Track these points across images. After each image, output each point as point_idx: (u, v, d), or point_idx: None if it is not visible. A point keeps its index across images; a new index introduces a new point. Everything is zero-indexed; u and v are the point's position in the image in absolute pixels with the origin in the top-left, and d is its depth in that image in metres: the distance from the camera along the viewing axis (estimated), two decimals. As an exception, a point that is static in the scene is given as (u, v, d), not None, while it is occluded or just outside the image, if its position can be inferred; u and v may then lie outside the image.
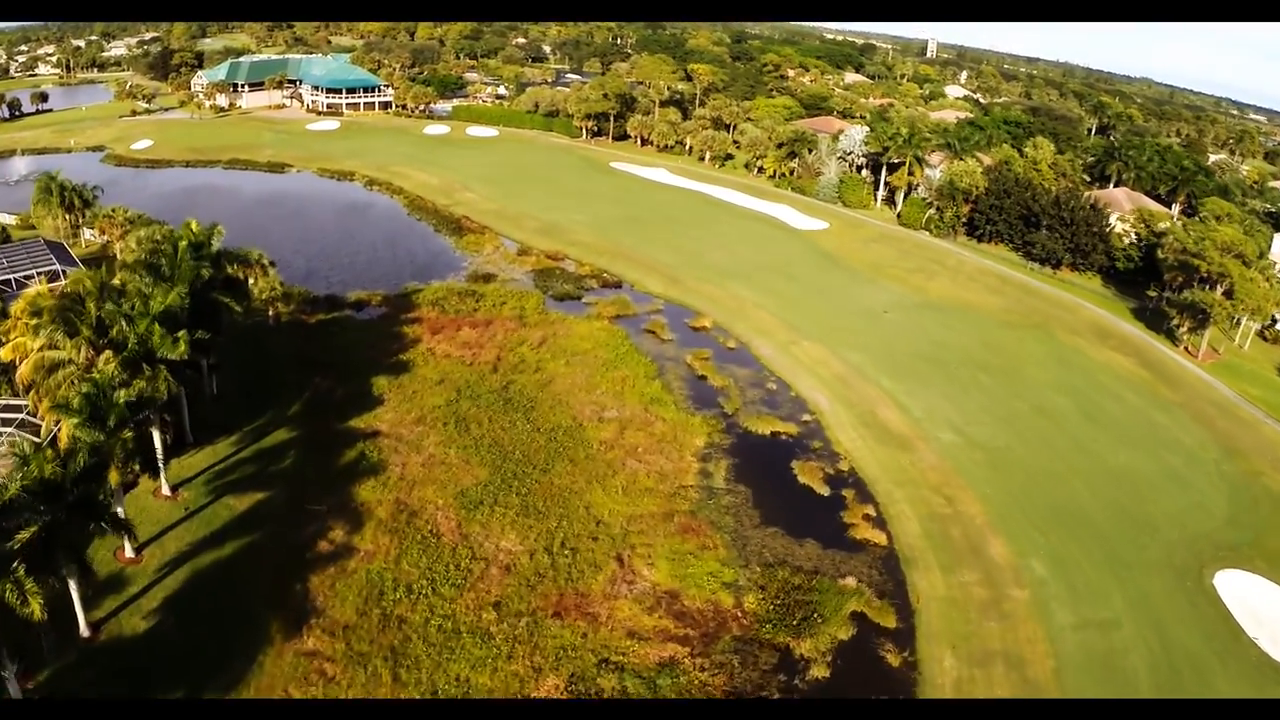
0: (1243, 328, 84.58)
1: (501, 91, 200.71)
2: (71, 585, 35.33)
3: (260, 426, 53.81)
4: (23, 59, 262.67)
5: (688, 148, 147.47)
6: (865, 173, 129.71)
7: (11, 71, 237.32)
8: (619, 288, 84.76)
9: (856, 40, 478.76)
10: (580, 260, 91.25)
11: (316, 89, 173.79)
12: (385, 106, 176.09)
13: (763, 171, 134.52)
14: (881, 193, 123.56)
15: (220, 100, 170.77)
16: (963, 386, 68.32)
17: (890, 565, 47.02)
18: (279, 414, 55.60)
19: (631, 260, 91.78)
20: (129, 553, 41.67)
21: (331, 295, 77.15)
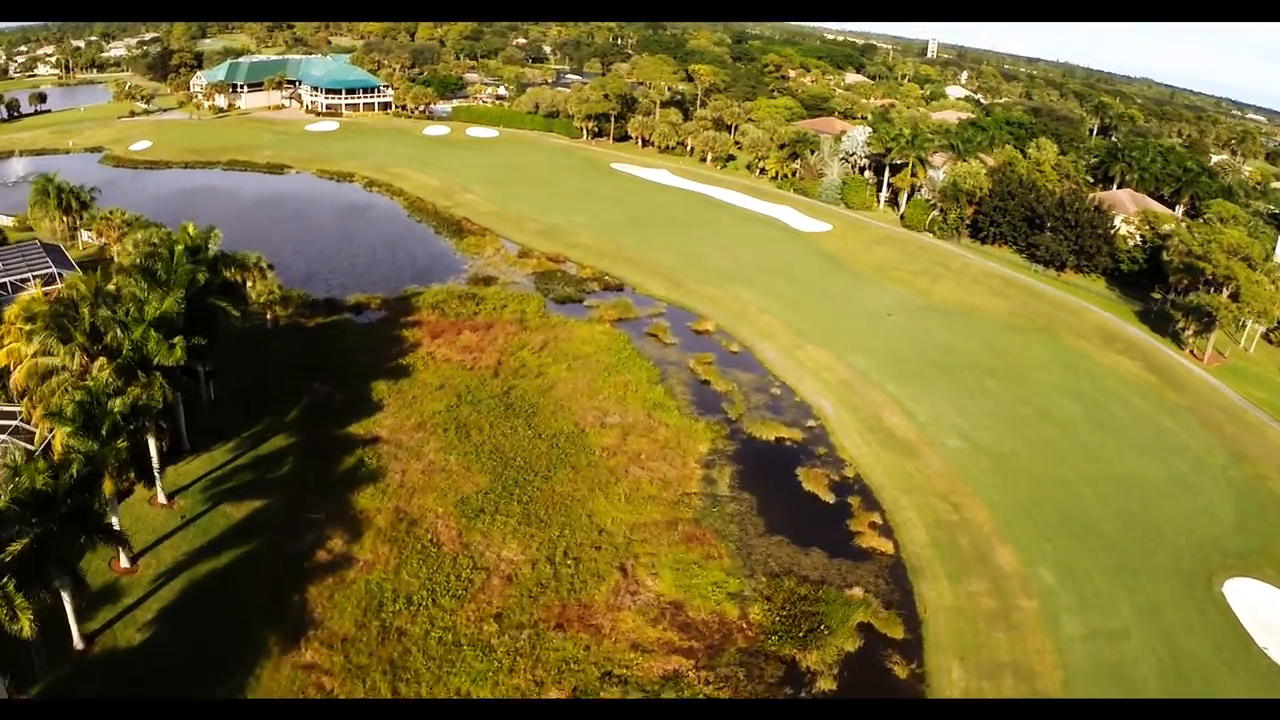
0: (1248, 330, 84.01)
1: (502, 92, 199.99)
2: (65, 597, 34.68)
3: (258, 433, 53.09)
4: (22, 59, 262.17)
5: (689, 149, 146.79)
6: (868, 174, 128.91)
7: (10, 72, 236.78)
8: (621, 291, 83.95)
9: (857, 40, 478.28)
10: (581, 263, 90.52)
11: (316, 89, 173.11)
12: (385, 107, 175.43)
13: (765, 173, 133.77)
14: (884, 194, 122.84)
15: (219, 101, 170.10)
16: (968, 391, 67.63)
17: (897, 574, 46.34)
18: (277, 420, 54.87)
19: (633, 263, 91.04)
20: (124, 562, 41.00)
21: (331, 298, 76.46)
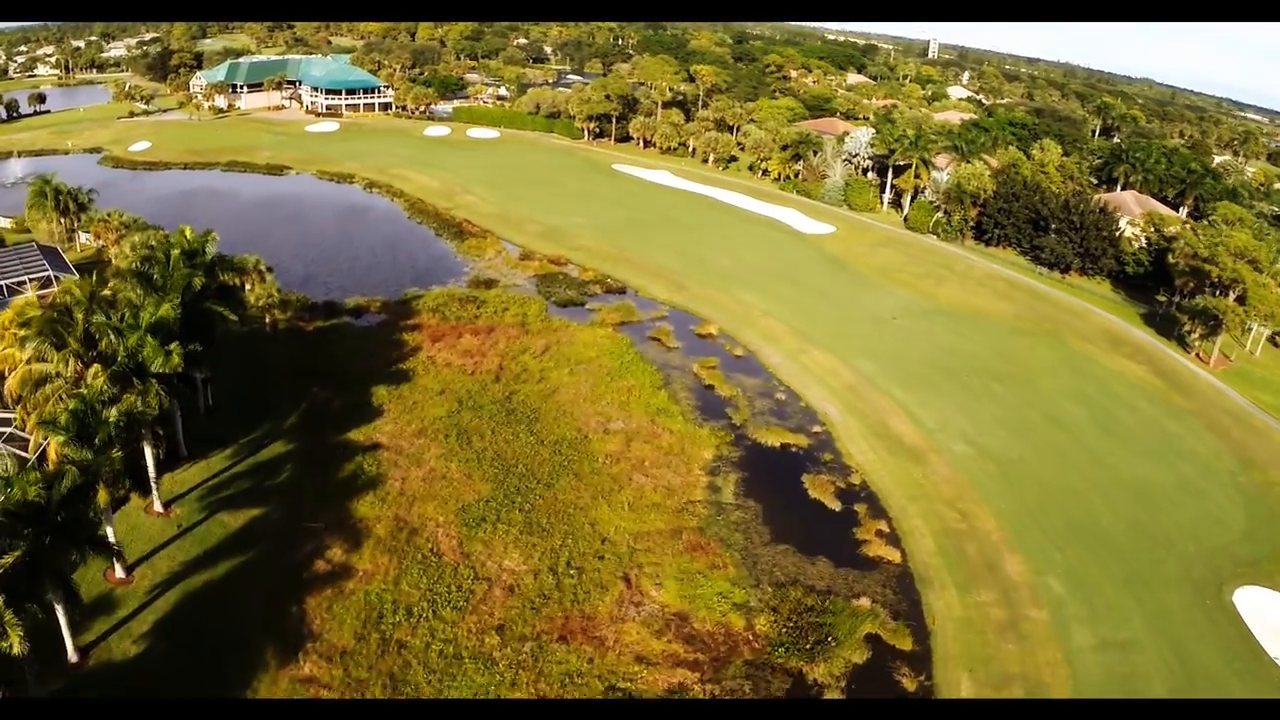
0: (1254, 334, 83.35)
1: (502, 93, 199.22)
2: (58, 609, 33.97)
3: (256, 439, 52.35)
4: (21, 60, 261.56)
5: (691, 150, 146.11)
6: (871, 175, 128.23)
7: (10, 72, 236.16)
8: (623, 293, 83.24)
9: (858, 41, 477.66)
10: (583, 265, 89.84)
11: (316, 90, 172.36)
12: (385, 108, 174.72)
13: (767, 174, 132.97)
14: (888, 195, 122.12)
15: (219, 101, 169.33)
16: (975, 396, 66.90)
17: (905, 584, 45.67)
18: (275, 426, 54.13)
19: (635, 265, 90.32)
20: (119, 573, 40.29)
21: (330, 301, 75.70)
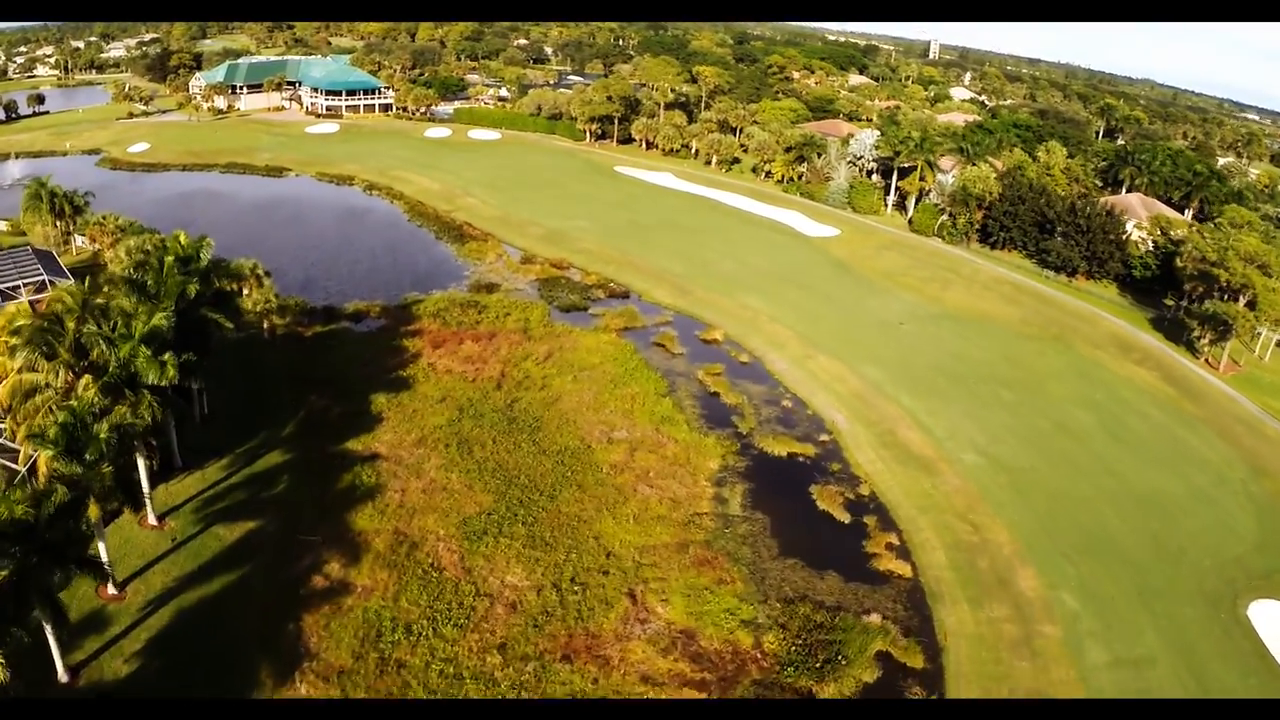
0: (1263, 339, 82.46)
1: (503, 94, 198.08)
2: (47, 628, 32.94)
3: (252, 449, 51.26)
4: (21, 60, 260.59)
5: (694, 151, 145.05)
6: (875, 177, 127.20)
7: (9, 73, 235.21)
8: (626, 298, 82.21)
9: (858, 41, 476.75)
10: (586, 269, 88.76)
11: (316, 91, 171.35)
12: (385, 109, 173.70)
13: (770, 176, 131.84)
14: (892, 198, 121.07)
15: (218, 102, 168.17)
16: (984, 403, 65.83)
17: (916, 599, 44.64)
18: (272, 435, 53.03)
19: (638, 269, 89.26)
20: (111, 589, 39.23)
21: (329, 306, 74.61)
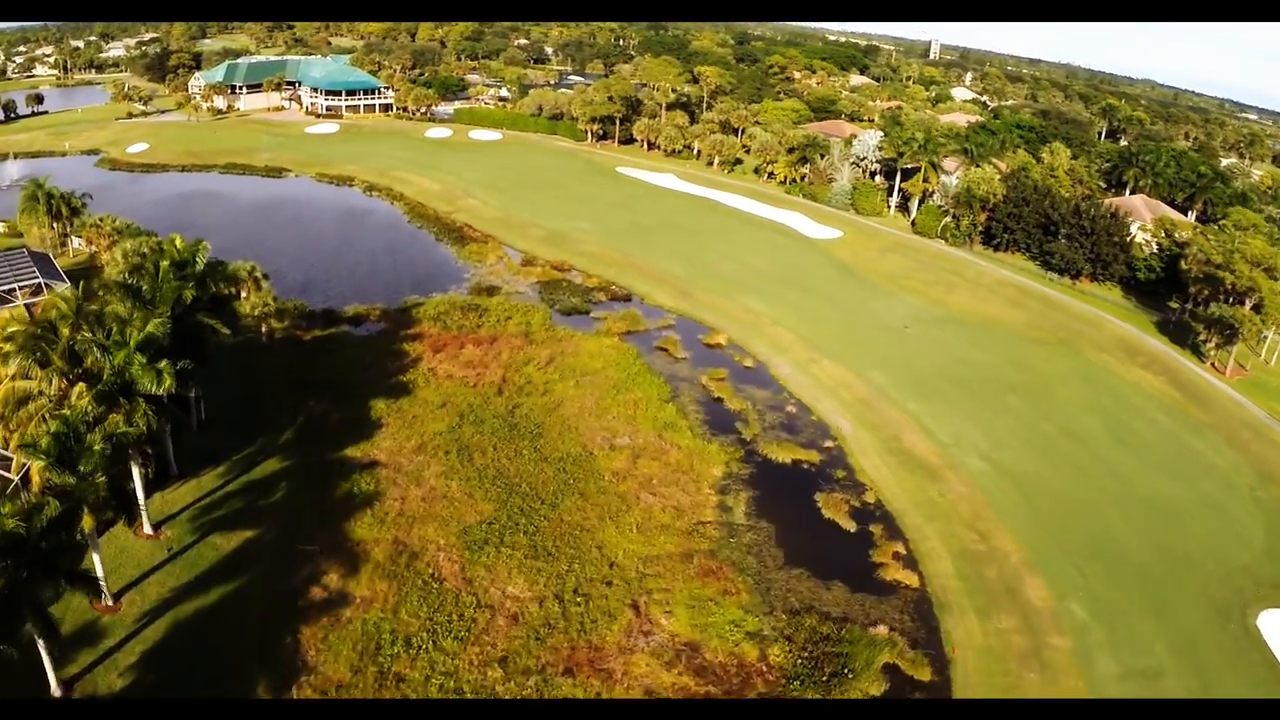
0: (1269, 342, 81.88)
1: (504, 94, 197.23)
2: (39, 642, 32.26)
3: (250, 456, 50.54)
4: (20, 60, 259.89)
5: (695, 152, 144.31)
6: (878, 179, 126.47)
7: (9, 73, 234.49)
8: (628, 301, 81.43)
9: (859, 41, 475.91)
10: (587, 271, 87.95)
11: (315, 91, 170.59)
12: (386, 109, 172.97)
13: (773, 177, 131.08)
14: (895, 199, 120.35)
15: (218, 102, 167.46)
16: (990, 408, 65.12)
17: (923, 610, 43.97)
18: (270, 441, 52.30)
19: (640, 271, 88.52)
20: (106, 600, 38.57)
21: (328, 309, 73.83)
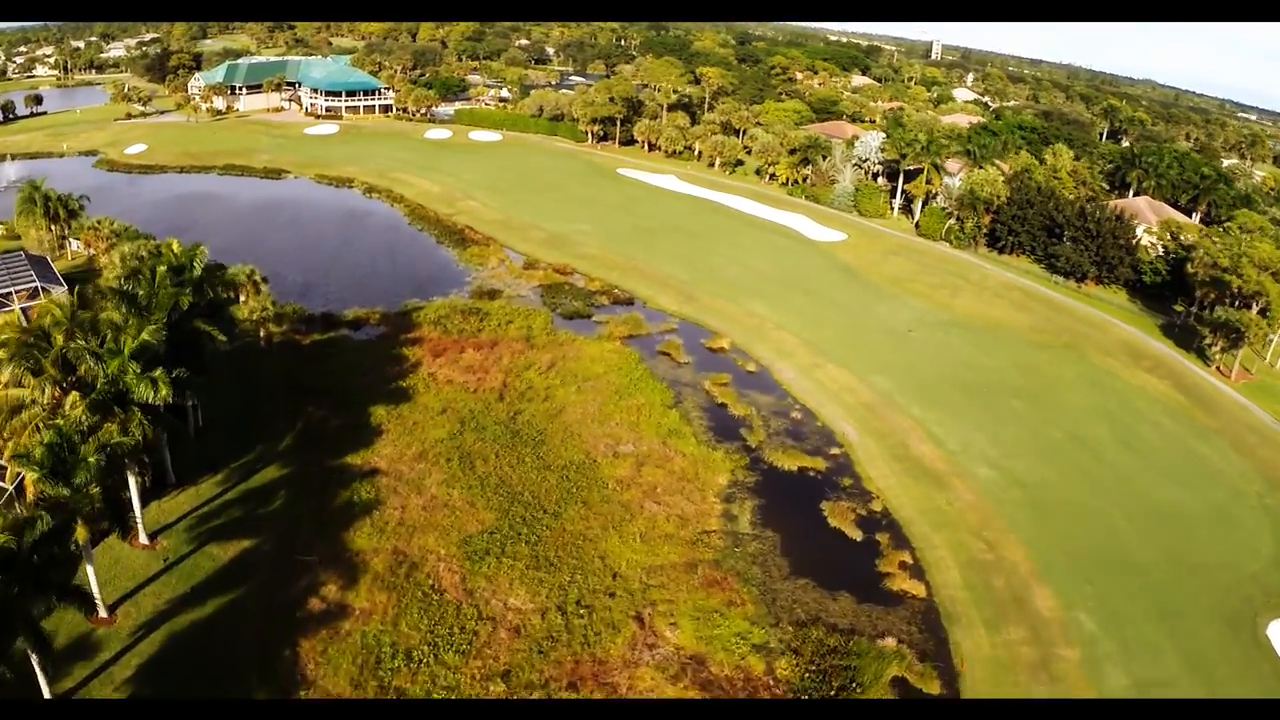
0: (1275, 346, 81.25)
1: (505, 95, 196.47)
2: (32, 657, 31.58)
3: (248, 463, 49.85)
4: (20, 60, 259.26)
5: (697, 153, 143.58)
6: (881, 180, 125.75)
7: (8, 73, 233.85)
8: (630, 304, 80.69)
9: (860, 42, 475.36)
10: (589, 274, 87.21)
11: (315, 92, 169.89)
12: (386, 110, 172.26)
13: (775, 178, 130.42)
14: (898, 201, 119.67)
15: (217, 103, 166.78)
16: (996, 414, 64.42)
17: (931, 621, 43.30)
18: (269, 449, 51.60)
19: (642, 274, 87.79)
20: (101, 612, 37.87)
21: (327, 313, 73.18)
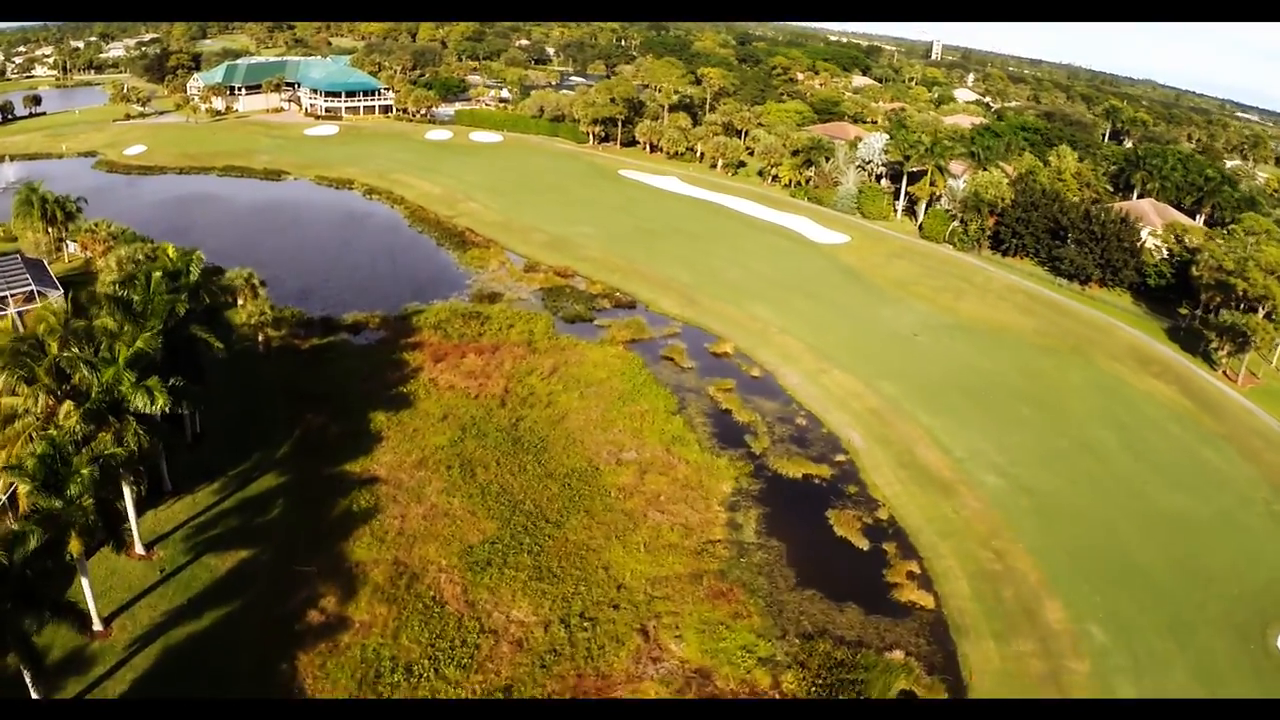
0: (1279, 350, 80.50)
1: (505, 95, 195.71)
2: (25, 673, 30.91)
3: (246, 471, 49.12)
4: (20, 60, 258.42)
5: (699, 155, 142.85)
6: (884, 182, 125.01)
7: (7, 73, 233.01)
8: (633, 308, 79.90)
9: (860, 42, 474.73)
10: (591, 277, 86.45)
11: (315, 92, 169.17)
12: (386, 110, 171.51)
13: (777, 180, 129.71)
14: (901, 203, 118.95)
15: (216, 103, 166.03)
16: (1003, 421, 63.73)
17: (939, 633, 42.62)
18: (267, 456, 50.86)
19: (645, 277, 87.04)
20: (96, 625, 37.19)
21: (327, 316, 72.40)
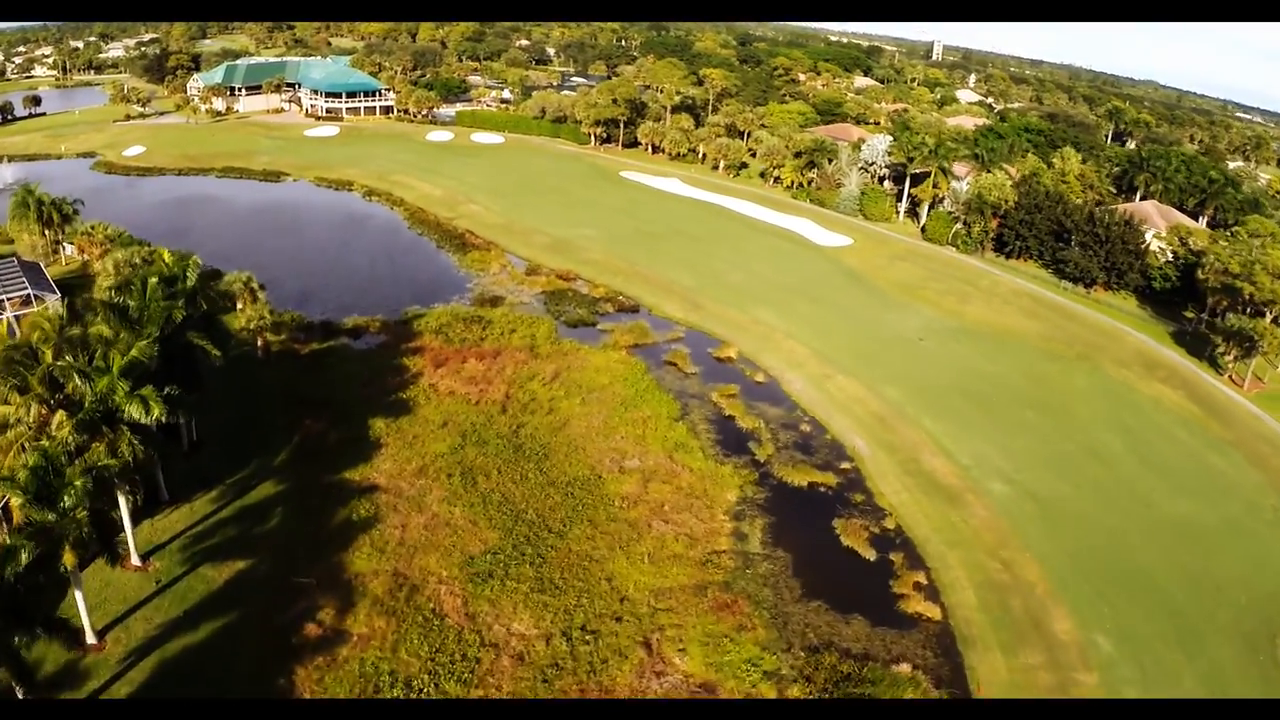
0: (1284, 353, 79.86)
1: (506, 96, 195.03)
2: (15, 687, 30.28)
3: (244, 479, 48.48)
4: (19, 60, 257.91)
5: (701, 156, 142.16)
6: (887, 184, 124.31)
7: (7, 74, 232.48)
8: (635, 312, 79.26)
9: (861, 42, 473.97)
10: (593, 281, 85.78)
11: (315, 93, 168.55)
12: (386, 111, 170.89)
13: (779, 182, 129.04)
14: (904, 205, 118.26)
15: (216, 104, 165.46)
16: (1009, 427, 63.06)
17: (946, 644, 42.01)
18: (265, 464, 50.22)
19: (647, 281, 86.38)
20: (90, 638, 36.58)
21: (326, 320, 71.72)
